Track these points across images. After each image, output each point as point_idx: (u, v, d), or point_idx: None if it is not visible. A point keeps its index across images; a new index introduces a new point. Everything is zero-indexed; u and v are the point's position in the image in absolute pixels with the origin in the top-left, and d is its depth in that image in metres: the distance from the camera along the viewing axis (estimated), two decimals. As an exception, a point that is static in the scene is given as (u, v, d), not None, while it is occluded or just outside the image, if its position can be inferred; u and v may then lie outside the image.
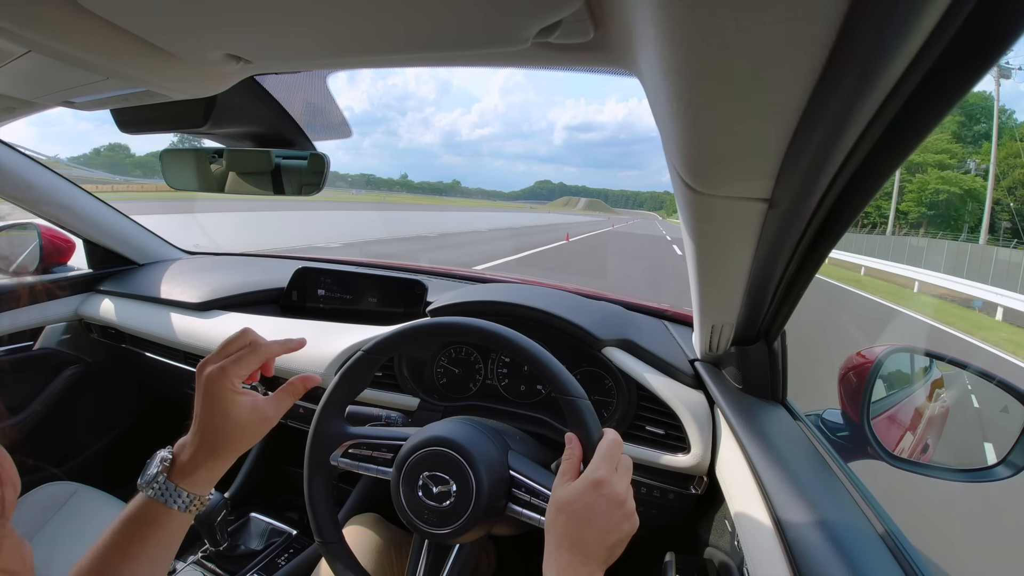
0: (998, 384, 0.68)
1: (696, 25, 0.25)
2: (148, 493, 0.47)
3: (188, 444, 0.50)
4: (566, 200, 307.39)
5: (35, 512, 1.01)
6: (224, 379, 0.50)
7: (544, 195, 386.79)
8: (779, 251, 0.50)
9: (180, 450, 0.50)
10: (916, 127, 0.30)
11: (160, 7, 0.38)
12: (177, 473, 0.48)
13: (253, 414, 0.51)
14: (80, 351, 1.42)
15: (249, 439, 0.51)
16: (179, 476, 0.48)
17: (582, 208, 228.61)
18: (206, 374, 0.50)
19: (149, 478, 0.47)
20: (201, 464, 0.49)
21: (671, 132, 0.36)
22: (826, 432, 0.77)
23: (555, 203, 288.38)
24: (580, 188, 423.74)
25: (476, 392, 1.04)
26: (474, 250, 12.29)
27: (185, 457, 0.49)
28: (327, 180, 0.84)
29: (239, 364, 0.51)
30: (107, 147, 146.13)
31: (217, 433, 0.49)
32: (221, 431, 0.49)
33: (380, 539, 0.87)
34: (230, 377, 0.50)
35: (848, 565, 0.46)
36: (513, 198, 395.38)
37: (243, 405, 0.50)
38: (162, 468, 0.48)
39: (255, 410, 0.51)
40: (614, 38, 0.38)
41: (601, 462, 0.52)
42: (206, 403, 0.49)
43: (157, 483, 0.47)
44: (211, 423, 0.49)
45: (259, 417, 0.51)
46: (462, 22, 0.37)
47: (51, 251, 1.35)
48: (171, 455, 0.49)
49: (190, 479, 0.48)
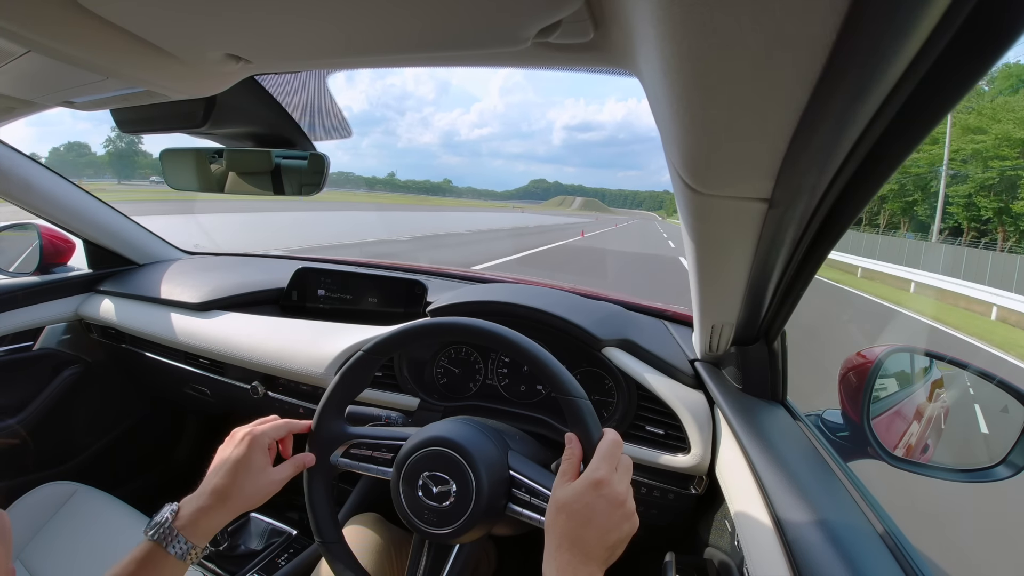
0: (998, 384, 0.68)
1: (696, 25, 0.25)
2: (150, 535, 0.52)
3: (196, 497, 0.56)
4: (560, 199, 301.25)
5: (35, 512, 1.01)
6: (263, 439, 0.61)
7: (539, 194, 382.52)
8: (779, 251, 0.50)
9: (186, 503, 0.56)
10: (916, 127, 0.30)
11: (160, 7, 0.38)
12: (181, 521, 0.54)
13: (267, 475, 0.60)
14: (80, 351, 1.42)
15: (256, 499, 0.59)
16: (183, 524, 0.54)
17: (577, 208, 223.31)
18: (246, 431, 0.61)
19: (155, 523, 0.53)
20: (207, 515, 0.55)
21: (671, 132, 0.36)
22: (826, 432, 0.77)
23: (549, 203, 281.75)
24: (576, 187, 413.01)
25: (476, 392, 1.04)
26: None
27: (191, 508, 0.55)
28: (327, 180, 0.84)
29: (274, 428, 0.63)
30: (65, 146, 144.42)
31: (233, 489, 0.57)
32: (237, 487, 0.57)
33: (380, 539, 0.87)
34: (268, 437, 0.61)
35: (848, 565, 0.46)
36: (507, 197, 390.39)
37: (264, 466, 0.60)
38: (170, 515, 0.54)
39: (268, 472, 0.60)
40: (614, 38, 0.38)
41: (601, 462, 0.52)
42: (239, 461, 0.58)
43: (163, 528, 0.53)
44: (232, 478, 0.57)
45: (270, 480, 0.60)
46: (462, 22, 0.37)
47: (51, 251, 1.35)
48: (177, 507, 0.55)
49: (193, 529, 0.54)
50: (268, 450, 0.62)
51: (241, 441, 0.60)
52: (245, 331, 1.14)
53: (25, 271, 1.33)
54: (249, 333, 1.13)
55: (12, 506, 1.03)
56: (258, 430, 0.61)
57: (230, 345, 1.12)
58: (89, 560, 0.92)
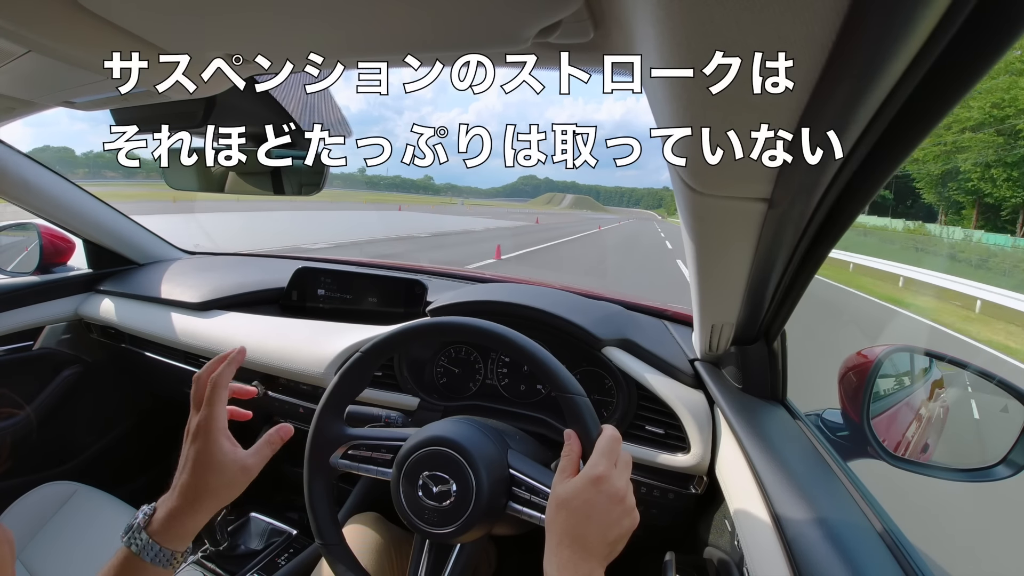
0: (998, 384, 0.68)
1: (696, 25, 0.25)
2: (127, 544, 0.48)
3: (168, 499, 0.51)
4: (549, 197, 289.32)
5: (35, 512, 1.02)
6: (218, 422, 0.52)
7: (529, 192, 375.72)
8: (779, 251, 0.50)
9: (162, 503, 0.51)
10: (916, 127, 0.30)
11: (160, 7, 0.38)
12: (155, 526, 0.49)
13: (234, 463, 0.52)
14: (80, 351, 1.42)
15: (230, 492, 0.53)
16: (156, 529, 0.49)
17: (567, 206, 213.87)
18: (197, 422, 0.53)
19: (129, 530, 0.49)
20: (178, 518, 0.50)
21: (671, 132, 0.36)
22: (826, 432, 0.77)
23: (536, 201, 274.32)
24: (570, 184, 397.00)
25: (476, 392, 1.04)
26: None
27: (163, 512, 0.50)
28: (327, 180, 0.84)
29: (214, 407, 0.53)
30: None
31: (199, 486, 0.51)
32: (203, 483, 0.51)
33: (380, 539, 0.87)
34: (220, 418, 0.53)
35: (847, 564, 0.46)
36: (492, 195, 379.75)
37: (228, 454, 0.52)
38: (143, 521, 0.50)
39: (236, 460, 0.53)
40: (614, 38, 0.38)
41: (600, 458, 0.52)
42: (197, 456, 0.51)
43: (139, 537, 0.48)
44: (196, 475, 0.51)
45: (240, 467, 0.53)
46: (462, 22, 0.37)
47: (51, 251, 1.35)
48: (152, 509, 0.51)
49: (166, 534, 0.49)
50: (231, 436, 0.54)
51: (194, 434, 0.53)
52: (245, 331, 1.14)
53: (25, 271, 1.33)
54: (249, 333, 1.13)
55: (12, 506, 1.04)
56: (206, 416, 0.53)
57: (230, 345, 1.12)
58: (89, 560, 0.92)
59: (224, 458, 0.52)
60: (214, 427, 0.52)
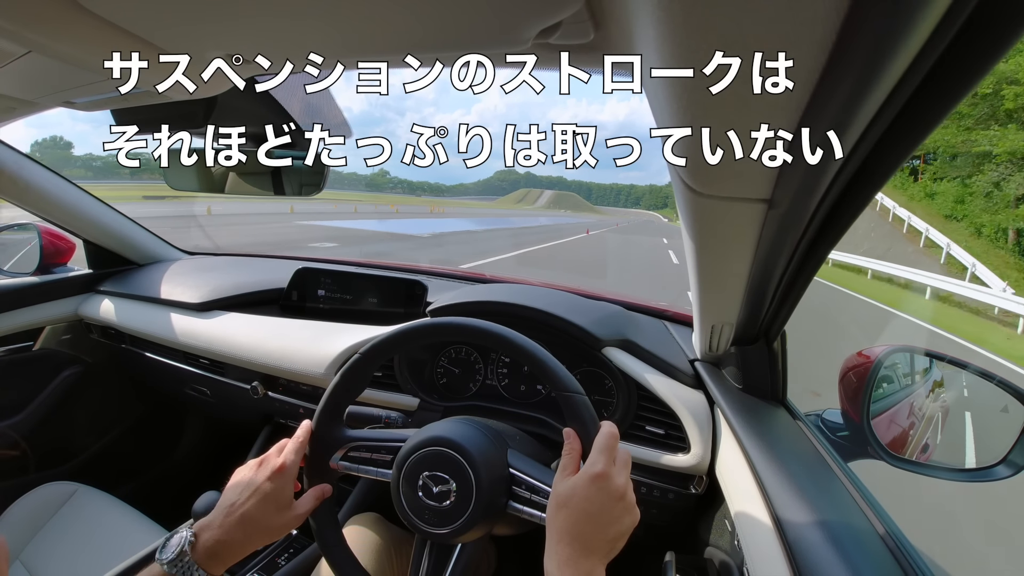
0: (998, 384, 0.68)
1: (696, 25, 0.25)
2: (168, 569, 0.50)
3: (217, 526, 0.53)
4: (523, 193, 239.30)
5: (35, 512, 1.02)
6: (294, 470, 0.59)
7: (507, 188, 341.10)
8: (779, 251, 0.50)
9: (203, 530, 0.53)
10: (917, 128, 0.30)
11: (160, 7, 0.38)
12: (200, 552, 0.51)
13: (293, 509, 0.58)
14: (80, 351, 1.42)
15: (281, 533, 0.58)
16: (202, 556, 0.51)
17: (544, 204, 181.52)
18: (279, 463, 0.58)
19: (172, 555, 0.51)
20: (230, 547, 0.53)
21: (671, 132, 0.36)
22: (826, 432, 0.77)
23: (506, 199, 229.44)
24: (557, 179, 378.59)
25: (476, 392, 1.04)
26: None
27: (211, 539, 0.52)
28: (327, 180, 0.84)
29: (299, 456, 0.60)
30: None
31: (262, 521, 0.55)
32: (267, 520, 0.55)
33: (380, 539, 0.87)
34: (296, 467, 0.59)
35: (848, 565, 0.46)
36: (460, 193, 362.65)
37: (291, 500, 0.58)
38: (189, 548, 0.51)
39: (295, 507, 0.59)
40: (614, 39, 0.38)
41: (599, 455, 0.52)
42: (270, 494, 0.56)
43: (181, 562, 0.50)
44: (263, 511, 0.55)
45: (295, 514, 0.58)
46: (462, 23, 0.37)
47: (51, 251, 1.35)
48: (194, 535, 0.52)
49: (214, 560, 0.52)
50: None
51: (276, 474, 0.57)
52: (245, 331, 1.14)
53: (25, 271, 1.33)
54: (249, 333, 1.13)
55: (12, 506, 1.04)
56: (290, 461, 0.59)
57: (230, 345, 1.12)
58: (89, 560, 0.92)
59: (288, 502, 0.58)
60: (292, 473, 0.58)
